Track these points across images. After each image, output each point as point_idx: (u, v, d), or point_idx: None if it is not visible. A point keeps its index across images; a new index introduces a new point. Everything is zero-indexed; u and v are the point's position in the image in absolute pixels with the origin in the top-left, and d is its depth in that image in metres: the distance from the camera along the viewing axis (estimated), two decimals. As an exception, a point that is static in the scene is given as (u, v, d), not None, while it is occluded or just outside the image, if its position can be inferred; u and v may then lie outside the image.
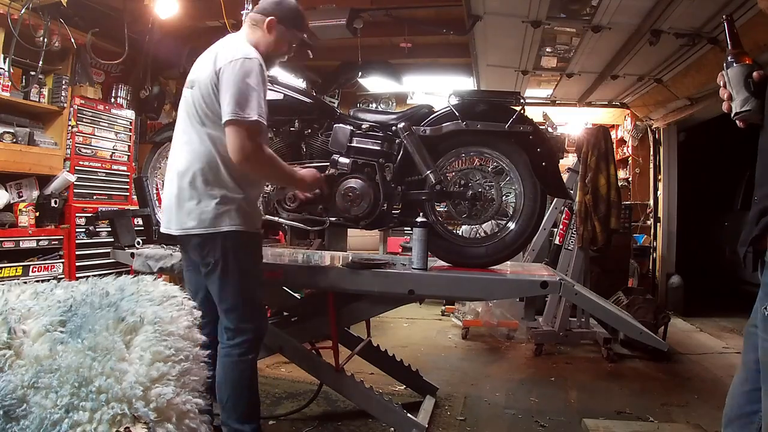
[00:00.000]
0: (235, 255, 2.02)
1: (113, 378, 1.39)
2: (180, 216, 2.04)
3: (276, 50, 2.13)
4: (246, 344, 2.04)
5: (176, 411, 1.45)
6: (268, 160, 2.02)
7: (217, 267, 2.01)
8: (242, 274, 2.04)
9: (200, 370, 1.65)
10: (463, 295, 2.93)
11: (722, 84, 1.29)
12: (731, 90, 1.26)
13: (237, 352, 2.03)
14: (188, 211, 2.01)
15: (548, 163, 2.44)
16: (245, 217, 2.04)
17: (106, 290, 1.65)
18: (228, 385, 2.02)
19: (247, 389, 2.06)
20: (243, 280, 2.05)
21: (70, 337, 1.47)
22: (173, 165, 2.09)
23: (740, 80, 1.23)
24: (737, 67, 1.24)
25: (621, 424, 2.78)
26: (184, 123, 2.09)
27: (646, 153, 6.37)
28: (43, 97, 3.83)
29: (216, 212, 1.99)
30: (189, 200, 2.01)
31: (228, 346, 2.04)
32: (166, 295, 1.69)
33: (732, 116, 1.27)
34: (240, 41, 2.08)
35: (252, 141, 1.92)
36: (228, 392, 2.02)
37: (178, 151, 2.09)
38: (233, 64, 1.93)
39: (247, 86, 1.91)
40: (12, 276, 3.41)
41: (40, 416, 1.32)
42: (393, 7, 4.30)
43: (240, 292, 2.04)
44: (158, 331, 1.53)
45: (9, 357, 1.41)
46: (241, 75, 1.92)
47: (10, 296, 1.59)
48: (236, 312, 2.04)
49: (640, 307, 4.23)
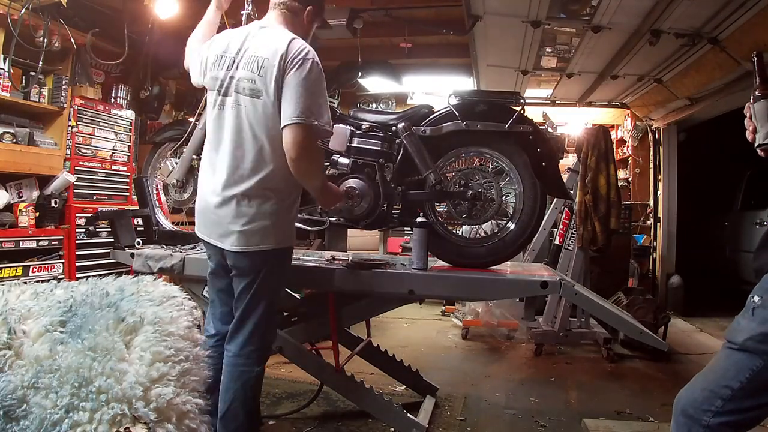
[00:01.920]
0: (271, 272, 2.01)
1: (113, 378, 1.39)
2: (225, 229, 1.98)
3: (308, 38, 2.10)
4: (255, 354, 2.02)
5: (176, 411, 1.45)
6: (319, 162, 2.08)
7: (254, 283, 1.98)
8: (272, 291, 2.05)
9: (200, 370, 1.65)
10: (463, 295, 2.93)
11: (748, 116, 1.38)
12: (756, 122, 1.36)
13: (243, 362, 2.00)
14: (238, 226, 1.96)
15: (548, 164, 2.44)
16: (287, 233, 2.05)
17: (106, 290, 1.65)
18: (229, 394, 1.98)
19: (251, 400, 2.03)
20: (272, 296, 2.06)
21: (70, 337, 1.47)
22: (220, 179, 1.99)
23: (765, 114, 1.34)
24: (764, 102, 1.35)
25: (621, 424, 2.78)
26: (238, 132, 1.96)
27: (646, 153, 6.36)
28: (43, 98, 3.83)
29: (265, 229, 1.96)
30: (240, 215, 1.95)
31: (237, 355, 2.00)
32: (166, 296, 1.69)
33: (755, 146, 1.37)
34: (289, 35, 1.97)
35: (312, 141, 1.93)
36: (229, 401, 1.98)
37: (230, 161, 1.97)
38: (302, 64, 1.88)
39: (316, 90, 1.90)
40: (12, 276, 3.41)
41: (40, 416, 1.32)
42: (393, 7, 4.30)
43: (267, 306, 2.04)
44: (158, 331, 1.53)
45: (9, 357, 1.41)
46: (310, 79, 1.89)
47: (10, 296, 1.59)
48: (255, 325, 2.02)
49: (640, 307, 4.23)
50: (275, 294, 2.08)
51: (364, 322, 3.00)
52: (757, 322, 1.26)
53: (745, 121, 1.39)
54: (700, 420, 1.29)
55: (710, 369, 1.36)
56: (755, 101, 1.36)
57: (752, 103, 1.37)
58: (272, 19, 2.08)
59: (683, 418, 1.33)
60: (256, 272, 1.98)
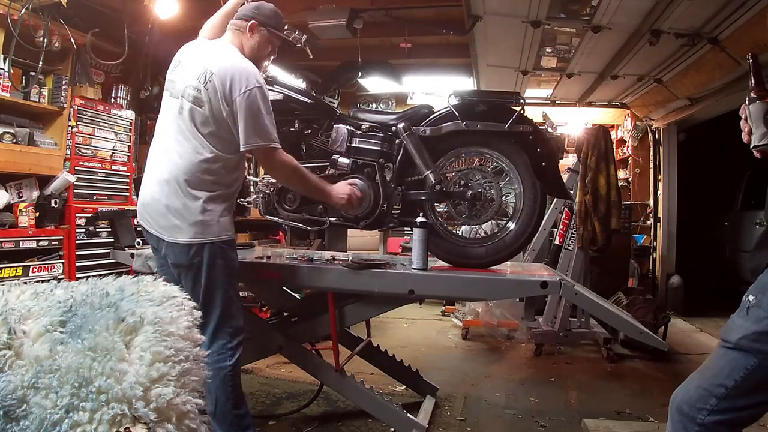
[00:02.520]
0: (215, 263, 2.04)
1: (113, 378, 1.39)
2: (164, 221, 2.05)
3: (260, 53, 2.20)
4: (225, 349, 2.03)
5: (176, 411, 1.45)
6: (292, 173, 2.17)
7: (200, 274, 2.02)
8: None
9: (200, 370, 1.65)
10: (463, 295, 2.92)
11: (744, 117, 1.39)
12: (751, 124, 1.37)
13: (216, 358, 2.00)
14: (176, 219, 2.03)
15: (548, 164, 2.44)
16: (226, 223, 2.09)
17: (106, 290, 1.65)
18: (213, 393, 2.00)
19: (233, 392, 2.03)
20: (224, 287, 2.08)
21: (70, 337, 1.47)
22: (160, 168, 2.09)
23: (760, 116, 1.35)
24: (759, 104, 1.36)
25: (621, 424, 2.78)
26: (175, 131, 2.08)
27: (646, 153, 6.36)
28: (43, 98, 3.83)
29: (202, 221, 2.02)
30: (176, 208, 2.03)
31: (209, 353, 2.01)
32: (166, 296, 1.69)
33: (751, 147, 1.38)
34: (232, 53, 2.11)
35: (274, 160, 2.10)
36: (214, 400, 2.00)
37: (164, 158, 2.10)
38: (247, 95, 2.00)
39: (262, 116, 2.02)
40: (12, 276, 3.41)
41: (40, 417, 1.32)
42: (393, 8, 4.31)
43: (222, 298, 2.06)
44: (158, 331, 1.52)
45: (9, 357, 1.41)
46: (257, 106, 2.01)
47: (10, 297, 1.59)
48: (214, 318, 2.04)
49: (640, 307, 4.23)
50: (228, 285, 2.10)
51: (364, 322, 3.00)
52: (752, 321, 1.26)
53: (741, 123, 1.40)
54: (695, 418, 1.30)
55: (705, 367, 1.36)
56: (750, 103, 1.37)
57: (747, 105, 1.38)
58: (223, 38, 2.21)
59: (678, 415, 1.34)
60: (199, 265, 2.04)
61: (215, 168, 2.05)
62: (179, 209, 2.02)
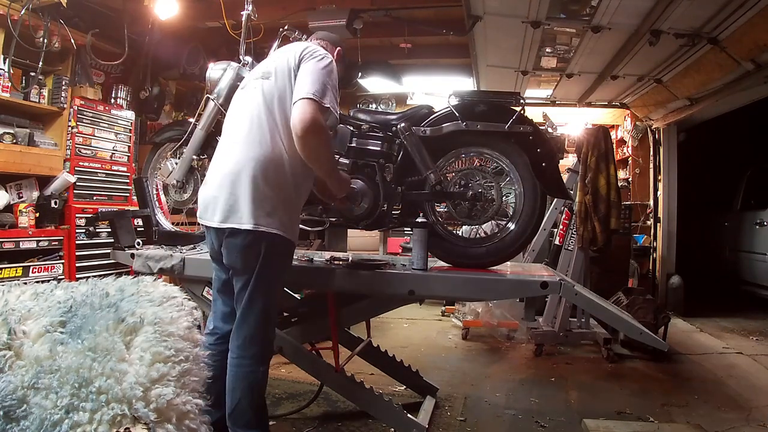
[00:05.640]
0: (270, 261, 2.00)
1: (113, 379, 1.39)
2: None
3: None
4: (259, 354, 2.03)
5: (176, 411, 1.45)
6: (327, 139, 2.05)
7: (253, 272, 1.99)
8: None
9: (200, 370, 1.65)
10: (463, 295, 2.93)
11: None
12: None
13: (249, 362, 2.01)
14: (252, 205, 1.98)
15: (548, 164, 2.44)
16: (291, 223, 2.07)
17: (106, 291, 1.65)
18: (236, 393, 2.00)
19: (258, 397, 2.04)
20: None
21: (70, 337, 1.47)
22: (232, 158, 2.03)
23: None
24: None
25: (621, 424, 2.78)
26: (251, 116, 2.05)
27: (646, 153, 6.36)
28: (43, 98, 3.83)
29: (269, 212, 1.98)
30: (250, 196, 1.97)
31: (241, 356, 2.01)
32: (166, 296, 1.69)
33: None
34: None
35: (321, 117, 1.95)
36: (236, 400, 2.00)
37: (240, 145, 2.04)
38: (318, 57, 2.04)
39: (328, 79, 2.00)
40: (12, 277, 3.40)
41: (40, 417, 1.32)
42: (393, 8, 4.30)
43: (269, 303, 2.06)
44: (158, 331, 1.53)
45: (9, 358, 1.41)
46: (325, 70, 2.02)
47: (10, 297, 1.59)
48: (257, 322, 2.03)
49: (640, 307, 4.22)
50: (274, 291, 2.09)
51: (364, 322, 3.00)
52: None
53: None
54: None
55: None
56: None
57: None
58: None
59: None
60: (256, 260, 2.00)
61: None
62: None
